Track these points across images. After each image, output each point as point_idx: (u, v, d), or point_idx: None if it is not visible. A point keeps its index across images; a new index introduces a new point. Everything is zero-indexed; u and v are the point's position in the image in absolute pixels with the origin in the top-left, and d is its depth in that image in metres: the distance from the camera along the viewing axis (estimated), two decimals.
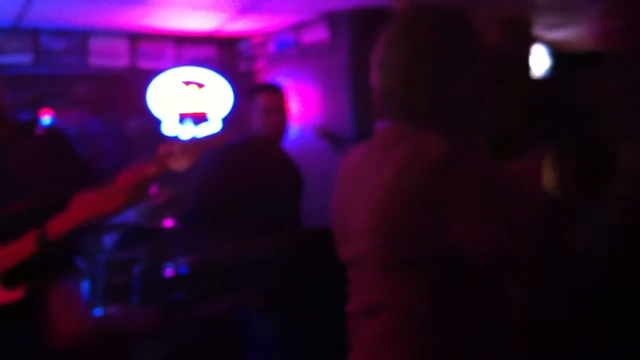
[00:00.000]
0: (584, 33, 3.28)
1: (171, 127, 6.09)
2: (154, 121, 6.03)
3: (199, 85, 6.23)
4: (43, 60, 5.83)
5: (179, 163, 2.29)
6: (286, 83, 5.04)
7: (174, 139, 5.98)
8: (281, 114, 3.69)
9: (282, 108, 3.71)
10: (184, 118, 6.14)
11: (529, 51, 2.31)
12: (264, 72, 6.39)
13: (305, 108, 5.57)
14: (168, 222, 4.83)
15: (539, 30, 2.17)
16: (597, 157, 1.83)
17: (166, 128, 6.08)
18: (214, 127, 6.26)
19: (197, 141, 2.35)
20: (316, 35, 5.54)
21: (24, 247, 2.27)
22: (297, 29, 5.81)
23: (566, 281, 1.60)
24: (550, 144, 1.79)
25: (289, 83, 5.37)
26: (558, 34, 5.12)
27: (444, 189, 1.41)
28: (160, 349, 4.15)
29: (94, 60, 5.96)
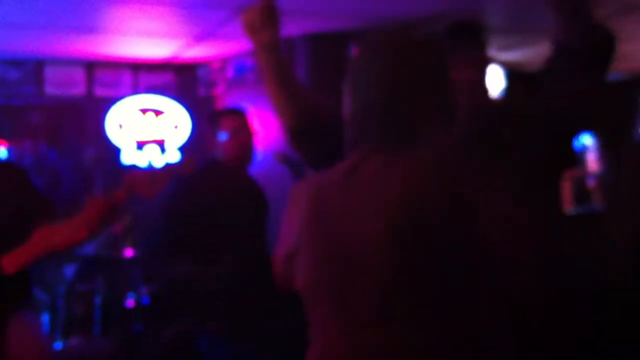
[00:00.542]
0: (537, 53, 3.34)
1: (129, 155, 6.04)
2: (112, 149, 5.97)
3: (157, 113, 6.20)
4: None
5: (146, 192, 2.28)
6: (245, 108, 5.03)
7: (134, 167, 6.00)
8: (248, 136, 3.69)
9: (248, 131, 3.70)
10: (142, 145, 6.09)
11: (484, 72, 2.33)
12: (223, 97, 6.37)
13: (264, 133, 5.56)
14: (128, 252, 4.78)
15: (493, 51, 2.21)
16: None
17: (124, 156, 6.03)
18: (173, 154, 6.22)
19: (163, 169, 2.34)
20: None
21: None
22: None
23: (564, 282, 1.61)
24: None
25: (248, 108, 5.36)
26: (512, 55, 5.21)
27: (469, 180, 1.43)
28: None
29: (49, 89, 5.91)
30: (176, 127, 6.27)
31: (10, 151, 5.68)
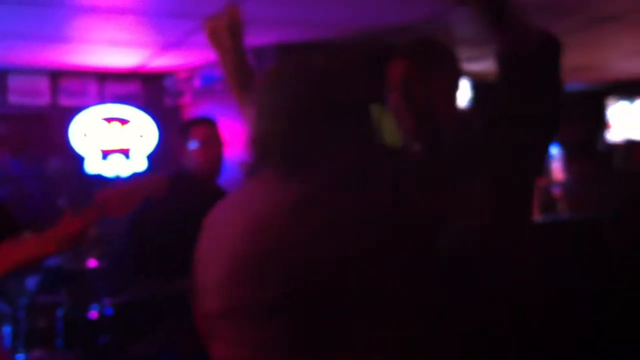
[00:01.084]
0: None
1: (94, 165, 5.98)
2: (77, 159, 5.91)
3: (122, 122, 6.15)
4: None
5: (117, 211, 2.26)
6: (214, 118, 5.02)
7: (101, 177, 5.94)
8: (218, 147, 3.65)
9: (218, 141, 3.67)
10: (107, 155, 6.04)
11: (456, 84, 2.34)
12: (190, 107, 6.34)
13: (231, 143, 5.54)
14: (92, 263, 4.72)
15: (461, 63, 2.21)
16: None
17: (89, 166, 5.97)
18: (138, 163, 6.17)
19: (136, 190, 2.32)
20: None
21: None
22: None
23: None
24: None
25: (215, 118, 5.34)
26: (478, 66, 5.25)
27: (296, 234, 1.38)
28: None
29: (13, 98, 5.83)
30: (142, 137, 6.23)
31: None
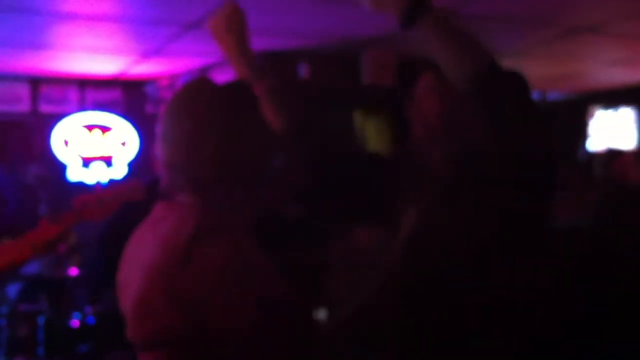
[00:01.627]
0: None
1: (75, 172, 5.95)
2: (57, 166, 5.87)
3: (103, 129, 6.12)
4: None
5: (96, 215, 2.26)
6: None
7: (81, 184, 5.91)
8: None
9: None
10: (88, 162, 6.01)
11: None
12: None
13: None
14: (73, 271, 4.70)
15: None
16: None
17: (70, 173, 5.94)
18: (120, 171, 6.15)
19: (114, 194, 2.31)
20: (224, 77, 5.51)
21: None
22: (205, 71, 5.79)
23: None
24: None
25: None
26: None
27: (186, 274, 1.39)
28: None
29: None
30: (123, 144, 6.21)
31: None
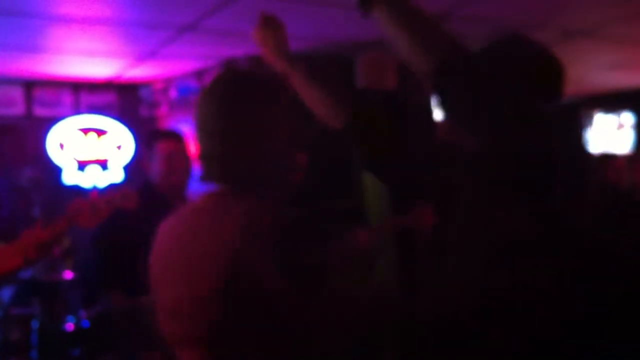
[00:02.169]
0: None
1: (70, 175, 5.94)
2: (51, 169, 5.86)
3: (99, 133, 6.11)
4: None
5: (89, 221, 2.25)
6: (188, 129, 5.01)
7: (76, 188, 5.90)
8: (184, 161, 3.60)
9: (184, 155, 3.62)
10: (83, 166, 6.00)
11: (429, 97, 2.33)
12: (166, 117, 6.33)
13: None
14: (67, 274, 4.68)
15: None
16: None
17: (66, 176, 5.93)
18: (115, 174, 6.14)
19: (107, 200, 2.31)
20: None
21: None
22: (200, 74, 5.79)
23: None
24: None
25: (191, 129, 5.33)
26: None
27: (250, 259, 1.40)
28: None
29: None
30: (119, 147, 6.20)
31: None
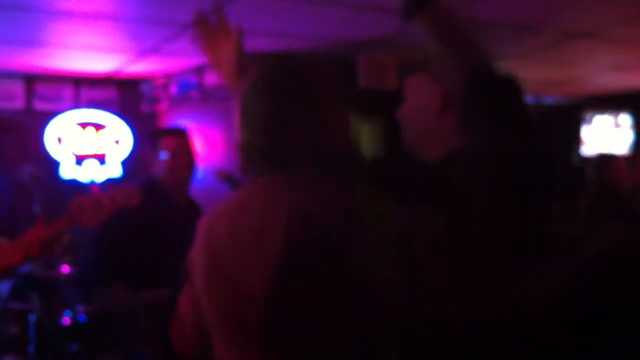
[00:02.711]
0: None
1: (69, 170, 5.94)
2: (51, 165, 5.86)
3: (97, 127, 6.11)
4: None
5: (91, 220, 2.26)
6: (189, 125, 5.00)
7: (75, 183, 5.89)
8: (188, 157, 3.59)
9: (188, 152, 3.62)
10: (81, 160, 6.00)
11: None
12: (167, 113, 6.32)
13: (207, 151, 5.54)
14: (65, 269, 4.68)
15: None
16: None
17: (64, 171, 5.92)
18: (113, 169, 6.14)
19: (110, 199, 2.31)
20: (219, 77, 5.53)
21: None
22: (200, 70, 5.79)
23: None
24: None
25: (191, 125, 5.33)
26: None
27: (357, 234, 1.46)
28: None
29: None
30: (117, 142, 6.20)
31: None
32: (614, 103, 8.25)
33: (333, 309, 1.45)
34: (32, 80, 5.96)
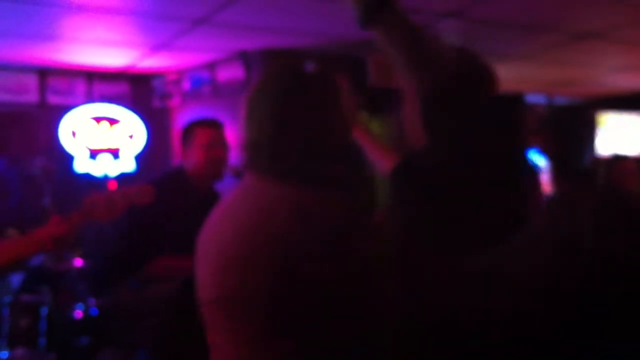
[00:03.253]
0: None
1: (82, 164, 5.98)
2: (62, 158, 5.89)
3: (111, 122, 6.15)
4: None
5: (104, 216, 2.28)
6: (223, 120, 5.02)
7: (87, 176, 5.92)
8: (223, 150, 3.54)
9: (224, 144, 3.55)
10: (95, 154, 6.04)
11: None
12: (178, 109, 6.35)
13: None
14: (75, 262, 4.72)
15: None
16: None
17: (77, 164, 5.96)
18: (127, 163, 6.17)
19: (123, 196, 2.34)
20: (231, 73, 5.56)
21: None
22: (212, 66, 5.81)
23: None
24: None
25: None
26: None
27: (292, 243, 1.46)
28: None
29: (0, 95, 5.81)
30: (131, 137, 6.23)
31: None
32: (626, 103, 8.22)
33: (333, 308, 1.46)
34: (45, 73, 5.99)
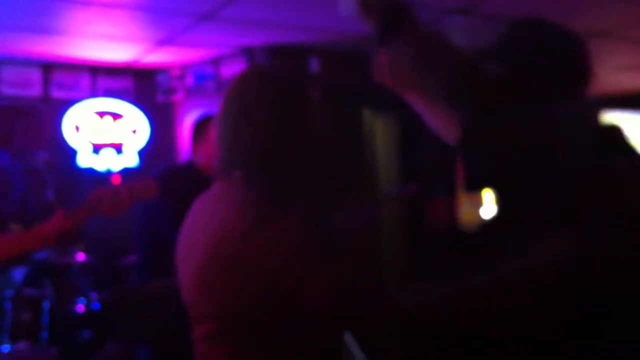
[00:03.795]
0: None
1: (85, 158, 5.97)
2: (65, 153, 5.89)
3: (114, 117, 6.14)
4: None
5: (111, 210, 2.27)
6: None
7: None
8: None
9: None
10: (98, 149, 6.04)
11: None
12: (182, 104, 6.34)
13: None
14: (79, 257, 4.73)
15: None
16: None
17: (81, 159, 5.96)
18: (130, 158, 6.17)
19: (128, 191, 2.33)
20: (235, 68, 5.56)
21: None
22: (216, 62, 5.81)
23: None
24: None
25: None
26: None
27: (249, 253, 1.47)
28: None
29: (4, 89, 5.80)
30: (134, 132, 6.23)
31: None
32: (630, 103, 8.21)
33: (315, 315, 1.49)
34: (49, 68, 5.98)
